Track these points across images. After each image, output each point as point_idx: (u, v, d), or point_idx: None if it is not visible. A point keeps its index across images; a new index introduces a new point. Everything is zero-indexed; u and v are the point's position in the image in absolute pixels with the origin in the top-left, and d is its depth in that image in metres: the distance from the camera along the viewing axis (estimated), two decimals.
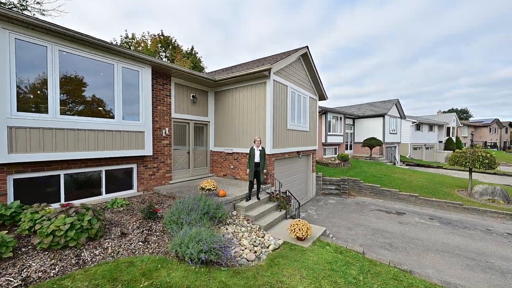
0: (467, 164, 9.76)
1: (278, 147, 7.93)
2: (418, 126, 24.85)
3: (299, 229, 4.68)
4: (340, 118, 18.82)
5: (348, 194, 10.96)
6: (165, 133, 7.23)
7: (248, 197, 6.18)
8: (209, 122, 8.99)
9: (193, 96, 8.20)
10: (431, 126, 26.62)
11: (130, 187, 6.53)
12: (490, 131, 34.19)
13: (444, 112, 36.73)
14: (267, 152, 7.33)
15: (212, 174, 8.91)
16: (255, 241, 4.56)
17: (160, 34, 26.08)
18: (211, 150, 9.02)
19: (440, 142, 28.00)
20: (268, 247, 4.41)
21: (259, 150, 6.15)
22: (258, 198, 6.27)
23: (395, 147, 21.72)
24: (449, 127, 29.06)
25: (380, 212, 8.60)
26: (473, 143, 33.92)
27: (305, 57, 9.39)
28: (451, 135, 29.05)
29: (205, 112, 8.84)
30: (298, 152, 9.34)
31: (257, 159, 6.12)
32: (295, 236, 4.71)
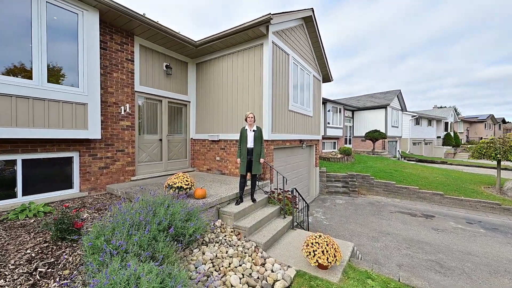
0: (497, 156, 8.28)
1: (277, 132, 6.10)
2: (417, 121, 23.73)
3: (323, 251, 2.87)
4: (340, 109, 17.25)
5: (357, 192, 9.30)
6: (124, 110, 5.23)
7: (239, 199, 4.32)
8: (189, 102, 7.03)
9: (167, 66, 6.22)
10: (429, 121, 25.61)
11: (69, 186, 4.51)
12: (486, 127, 33.83)
13: (440, 107, 36.13)
14: (265, 137, 5.48)
15: (193, 169, 6.97)
16: (250, 274, 2.72)
17: None
18: (191, 138, 7.07)
19: (439, 137, 27.10)
20: (273, 286, 2.58)
21: (253, 131, 4.30)
22: (253, 200, 4.43)
23: (397, 141, 20.43)
24: (447, 122, 28.24)
25: (403, 215, 6.96)
26: (469, 139, 33.44)
27: (309, 23, 7.58)
28: (449, 130, 28.24)
29: (183, 89, 6.87)
30: (301, 141, 7.55)
31: (250, 144, 4.27)
32: (316, 263, 2.90)
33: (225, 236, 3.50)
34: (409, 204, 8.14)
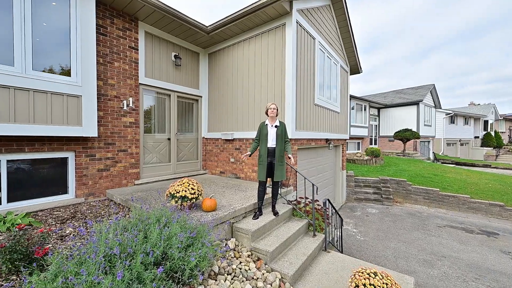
0: None
1: (302, 129, 5.18)
2: (452, 119, 21.41)
3: None
4: (364, 107, 15.82)
5: (392, 200, 8.06)
6: (127, 105, 4.60)
7: (257, 211, 3.47)
8: (201, 97, 6.32)
9: (175, 56, 5.54)
10: (466, 119, 23.05)
11: (63, 191, 3.94)
12: None
13: (475, 104, 32.68)
14: (288, 135, 4.58)
15: (204, 171, 6.24)
16: None
17: None
18: (203, 137, 6.35)
19: (476, 137, 24.35)
20: None
21: (275, 126, 3.43)
22: (275, 213, 3.55)
23: (429, 141, 18.48)
24: (487, 121, 25.33)
25: (456, 231, 5.70)
26: (511, 139, 29.85)
27: (337, 4, 6.56)
28: (489, 130, 25.32)
29: (195, 82, 6.17)
30: (327, 140, 6.54)
31: (271, 142, 3.41)
32: None
33: (240, 263, 2.66)
34: (458, 216, 6.80)
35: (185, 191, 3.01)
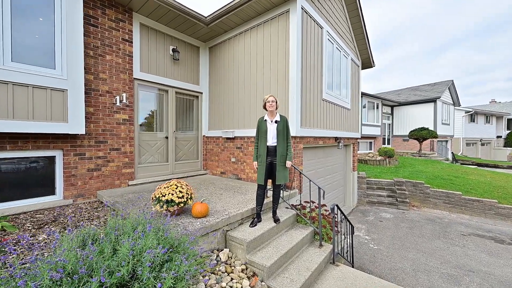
0: None
1: (308, 126, 4.73)
2: (472, 117, 20.13)
3: None
4: (377, 105, 15.04)
5: (409, 204, 7.43)
6: (120, 101, 4.33)
7: (255, 217, 3.07)
8: (201, 93, 5.99)
9: (173, 50, 5.24)
10: (487, 117, 21.62)
11: (50, 192, 3.69)
12: None
13: (497, 102, 30.72)
14: (292, 133, 4.17)
15: (205, 171, 5.91)
16: None
17: None
18: (204, 136, 6.02)
19: (499, 137, 22.80)
20: None
21: (275, 122, 3.02)
22: (276, 220, 3.14)
23: (447, 141, 17.41)
24: (511, 119, 23.68)
25: (484, 240, 5.07)
26: None
27: None
28: None
29: (194, 78, 5.85)
30: (336, 138, 6.05)
31: (271, 140, 3.00)
32: None
33: (232, 280, 2.27)
34: (485, 223, 6.11)
35: (172, 194, 2.65)
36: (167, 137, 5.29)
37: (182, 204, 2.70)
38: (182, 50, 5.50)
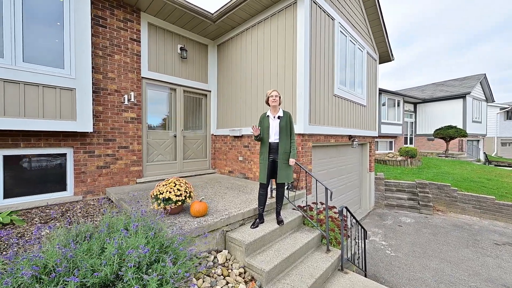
0: None
1: (318, 123, 4.48)
2: (508, 114, 18.33)
3: None
4: (398, 102, 14.19)
5: (433, 208, 6.84)
6: (128, 99, 4.39)
7: (258, 218, 2.92)
8: (210, 92, 5.95)
9: (181, 49, 5.24)
10: None
11: (62, 188, 3.82)
12: None
13: None
14: (299, 130, 3.96)
15: (213, 170, 5.86)
16: None
17: None
18: (212, 134, 5.97)
19: None
20: None
21: (278, 118, 2.84)
22: (280, 222, 2.95)
23: (479, 141, 15.98)
24: None
25: None
26: None
27: None
28: None
29: (203, 76, 5.82)
30: (350, 136, 5.70)
31: (274, 137, 2.83)
32: None
33: (227, 284, 2.14)
34: None
35: (169, 192, 2.58)
36: (175, 136, 5.31)
37: (180, 203, 2.62)
38: (190, 49, 5.49)
